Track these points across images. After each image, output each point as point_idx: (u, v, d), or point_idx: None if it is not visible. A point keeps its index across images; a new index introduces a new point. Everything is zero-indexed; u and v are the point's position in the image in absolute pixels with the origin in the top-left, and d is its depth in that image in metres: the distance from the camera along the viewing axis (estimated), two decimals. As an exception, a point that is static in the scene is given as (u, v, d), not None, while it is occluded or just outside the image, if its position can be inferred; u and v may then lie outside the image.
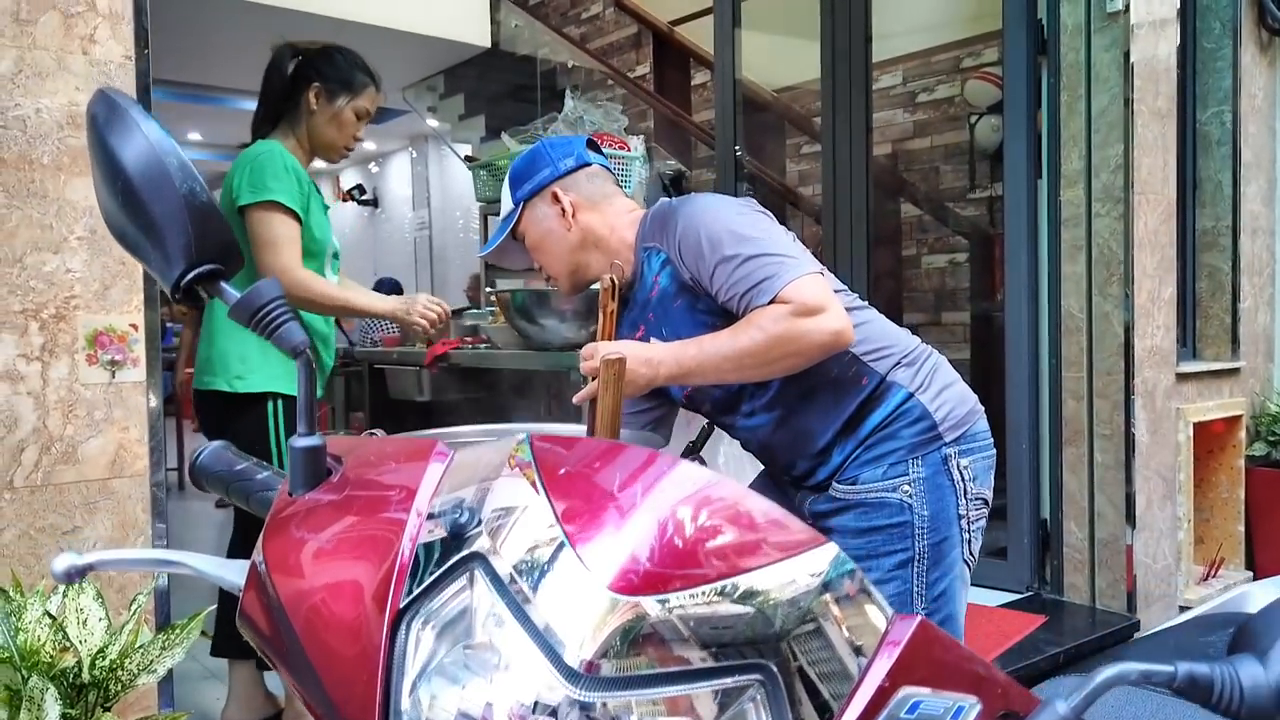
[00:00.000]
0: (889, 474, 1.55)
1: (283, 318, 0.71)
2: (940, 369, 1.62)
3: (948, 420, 1.56)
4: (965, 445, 1.57)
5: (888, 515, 1.54)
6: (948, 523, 1.54)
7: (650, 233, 1.62)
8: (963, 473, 1.55)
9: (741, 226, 1.49)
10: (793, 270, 1.42)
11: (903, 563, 1.53)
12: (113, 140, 0.68)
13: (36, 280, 1.62)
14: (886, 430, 1.56)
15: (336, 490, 0.71)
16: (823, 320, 1.40)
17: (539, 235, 1.67)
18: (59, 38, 1.63)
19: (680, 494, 0.62)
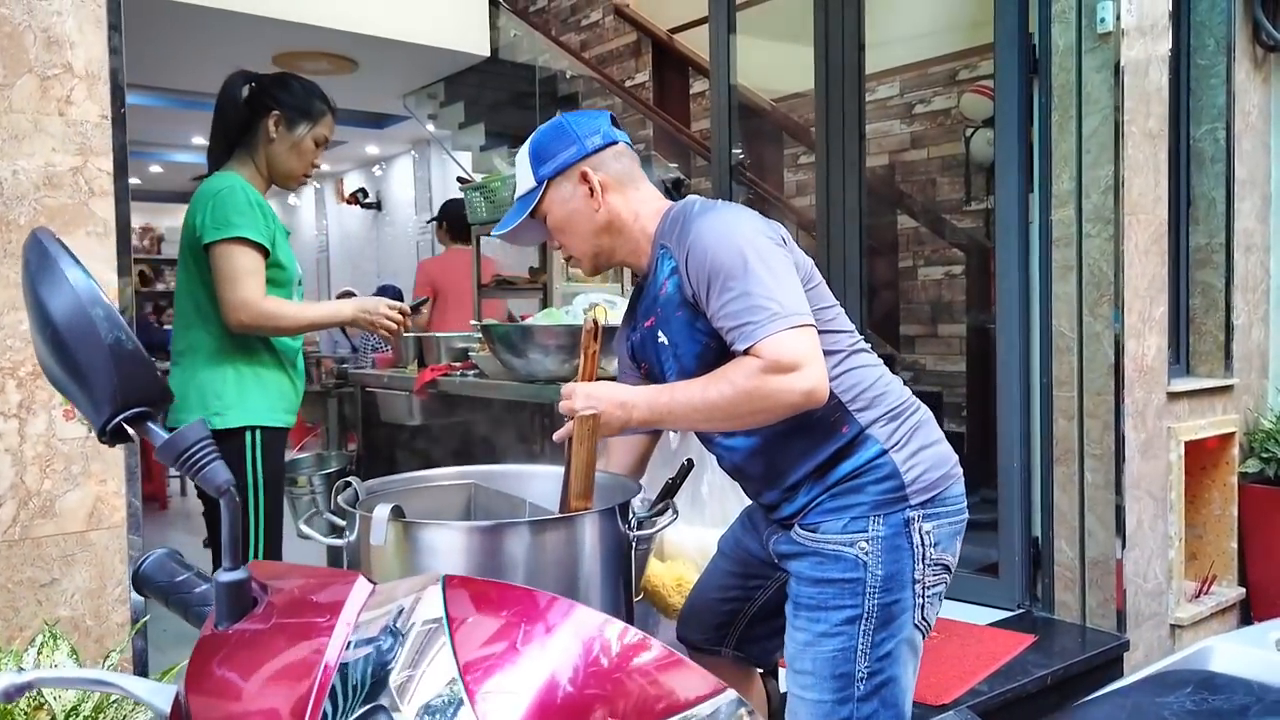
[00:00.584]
0: (849, 528, 1.54)
1: (207, 459, 0.73)
2: (922, 428, 1.61)
3: (917, 483, 1.55)
4: (932, 510, 1.55)
5: (841, 569, 1.53)
6: (901, 585, 1.52)
7: (667, 231, 1.60)
8: (924, 537, 1.54)
9: (750, 257, 1.45)
10: (776, 323, 1.40)
11: (850, 619, 1.52)
12: (41, 289, 0.70)
13: (13, 339, 1.65)
14: (854, 482, 1.56)
15: (260, 622, 0.73)
16: (794, 380, 1.38)
17: (564, 215, 1.62)
18: (35, 100, 1.65)
19: (580, 648, 0.64)
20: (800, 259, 1.61)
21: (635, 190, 1.64)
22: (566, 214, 1.62)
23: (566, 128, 1.62)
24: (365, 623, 0.70)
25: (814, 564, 1.56)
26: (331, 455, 3.56)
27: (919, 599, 1.54)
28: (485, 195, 3.75)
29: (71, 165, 1.68)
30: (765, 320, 1.40)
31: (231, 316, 2.16)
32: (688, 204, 1.61)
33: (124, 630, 1.72)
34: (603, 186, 1.60)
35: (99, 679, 0.75)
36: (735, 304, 1.43)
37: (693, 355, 1.58)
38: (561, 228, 1.64)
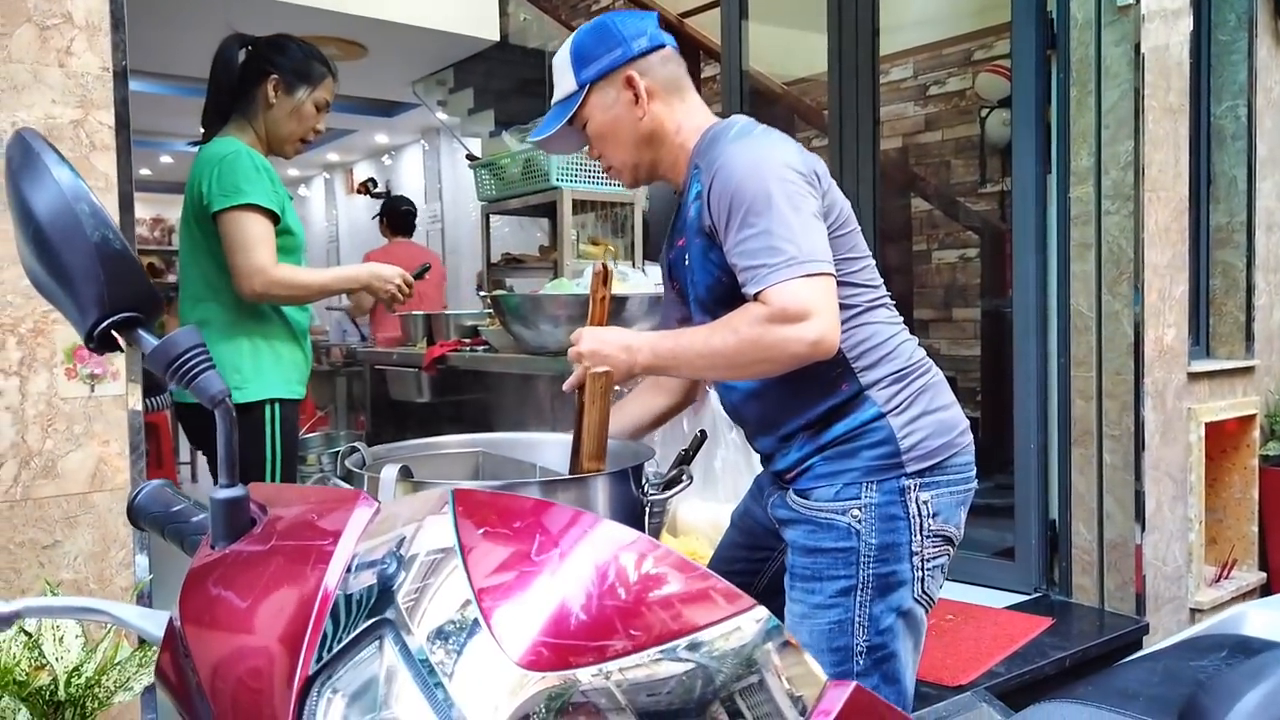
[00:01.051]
0: (840, 494, 1.47)
1: (200, 366, 0.69)
2: (928, 391, 1.52)
3: (915, 450, 1.47)
4: (931, 479, 1.47)
5: (834, 538, 1.46)
6: (898, 557, 1.45)
7: (703, 150, 1.51)
8: (921, 506, 1.46)
9: (775, 194, 1.36)
10: (790, 269, 1.32)
11: (845, 590, 1.45)
12: (25, 186, 0.66)
13: (14, 295, 1.62)
14: (847, 445, 1.48)
15: (258, 543, 0.69)
16: (799, 330, 1.31)
17: (606, 122, 1.52)
18: (35, 50, 1.61)
19: (600, 560, 0.60)
20: (836, 199, 1.51)
21: (681, 101, 1.55)
22: (609, 121, 1.52)
23: (611, 28, 1.52)
24: (370, 543, 0.65)
25: (807, 532, 1.50)
26: (340, 435, 3.53)
27: (918, 571, 1.46)
28: (494, 172, 3.71)
29: (72, 118, 1.64)
30: (780, 265, 1.33)
31: (244, 285, 2.11)
32: (727, 125, 1.52)
33: (127, 594, 1.68)
34: (649, 93, 1.51)
35: (89, 606, 0.71)
36: (752, 242, 1.36)
37: (705, 286, 1.52)
38: (602, 135, 1.55)
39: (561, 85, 1.56)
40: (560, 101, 1.56)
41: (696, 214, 1.47)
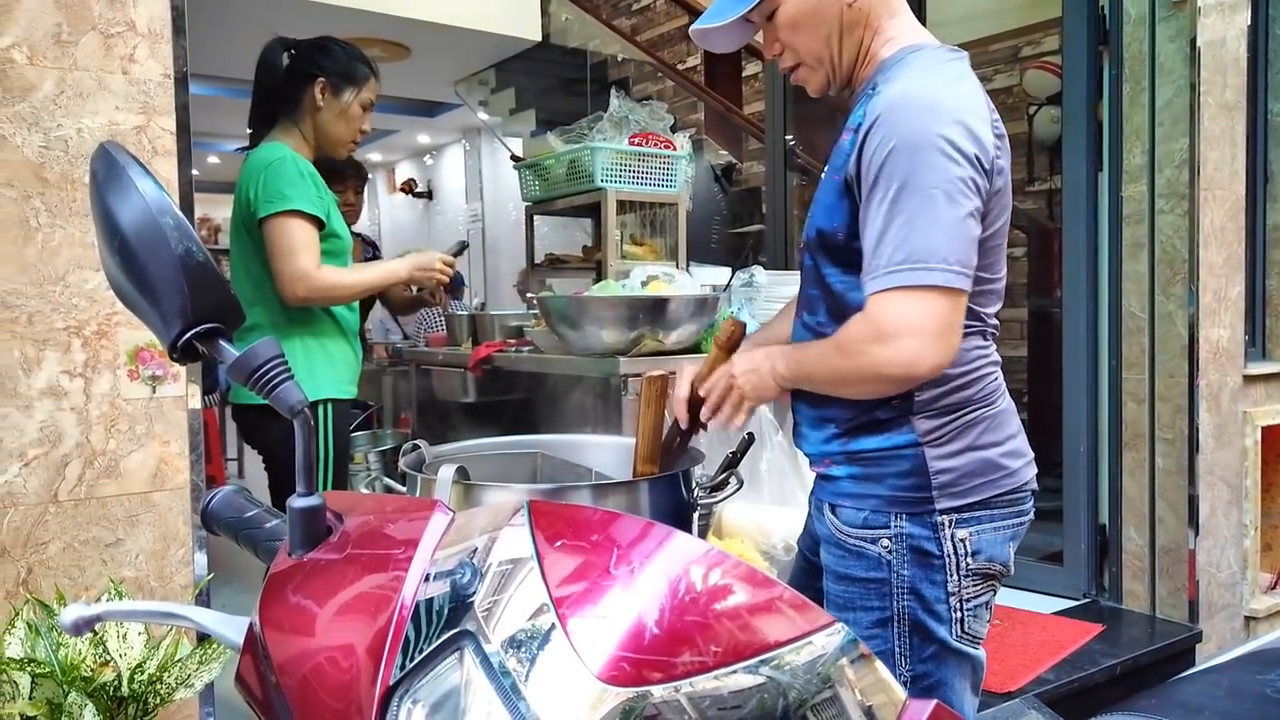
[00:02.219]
0: (869, 521, 1.34)
1: (280, 377, 0.70)
2: (980, 425, 1.34)
3: (949, 488, 1.31)
4: (968, 515, 1.32)
5: (864, 567, 1.35)
6: (933, 597, 1.33)
7: (887, 69, 1.30)
8: (957, 545, 1.32)
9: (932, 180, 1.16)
10: (905, 277, 1.16)
11: (881, 621, 1.34)
12: (110, 199, 0.68)
13: (79, 298, 1.65)
14: (874, 467, 1.34)
15: (335, 551, 0.70)
16: (892, 351, 1.16)
17: (804, 9, 1.31)
18: (99, 58, 1.65)
19: (674, 573, 0.60)
20: (1003, 195, 1.31)
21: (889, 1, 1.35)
22: (808, 6, 1.31)
23: None
24: (446, 552, 0.66)
25: (838, 558, 1.39)
26: (387, 433, 3.57)
27: (955, 612, 1.33)
28: (538, 173, 3.73)
29: (135, 124, 1.68)
30: (897, 271, 1.16)
31: (287, 290, 2.13)
32: (922, 50, 1.31)
33: (187, 592, 1.71)
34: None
35: (168, 610, 0.73)
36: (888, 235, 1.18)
37: (816, 227, 1.36)
38: (796, 24, 1.32)
39: None
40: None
41: (850, 147, 1.27)
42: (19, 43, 1.61)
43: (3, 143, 1.60)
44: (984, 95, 1.29)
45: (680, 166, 3.61)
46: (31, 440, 1.63)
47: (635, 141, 3.50)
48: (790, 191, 4.34)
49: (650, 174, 3.53)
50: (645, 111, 3.59)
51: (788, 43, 1.36)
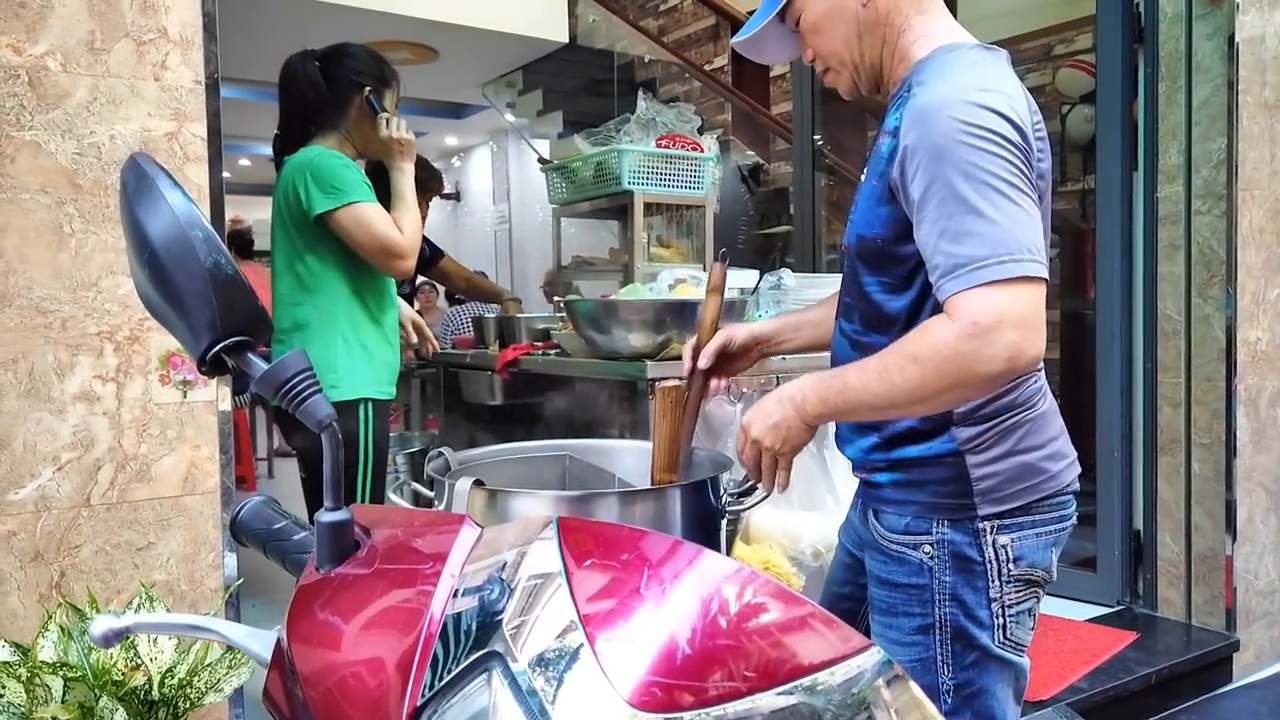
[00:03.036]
0: (911, 528, 1.33)
1: (308, 391, 0.69)
2: (1021, 430, 1.32)
3: (991, 494, 1.30)
4: (1010, 520, 1.31)
5: (906, 574, 1.34)
6: (975, 602, 1.31)
7: (924, 70, 1.27)
8: (999, 551, 1.30)
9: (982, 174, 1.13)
10: (986, 270, 1.10)
11: (923, 628, 1.33)
12: (139, 210, 0.68)
13: (111, 303, 1.67)
14: (916, 471, 1.33)
15: (363, 566, 0.69)
16: (997, 345, 1.09)
17: (822, 12, 1.32)
18: (131, 65, 1.66)
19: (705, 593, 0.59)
20: (1045, 189, 1.27)
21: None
22: (826, 10, 1.31)
23: None
24: (474, 568, 0.65)
25: (880, 563, 1.38)
26: (414, 435, 3.58)
27: (998, 618, 1.31)
28: (565, 176, 3.73)
29: (167, 130, 1.69)
30: (977, 266, 1.11)
31: (392, 268, 2.21)
32: (958, 49, 1.28)
33: (217, 596, 1.72)
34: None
35: (196, 624, 0.72)
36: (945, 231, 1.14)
37: (856, 234, 1.34)
38: (816, 27, 1.34)
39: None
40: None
41: (888, 152, 1.25)
42: (53, 50, 1.62)
43: (37, 149, 1.62)
44: (1025, 94, 1.26)
45: (707, 169, 3.60)
46: (65, 444, 1.65)
47: (662, 144, 3.49)
48: (818, 192, 4.31)
49: (677, 176, 3.51)
50: (672, 114, 3.57)
51: (813, 46, 1.36)
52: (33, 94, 1.61)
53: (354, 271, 2.23)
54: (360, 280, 2.25)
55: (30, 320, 1.62)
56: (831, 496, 2.53)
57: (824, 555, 2.43)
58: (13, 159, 1.60)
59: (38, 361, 1.62)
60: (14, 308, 1.61)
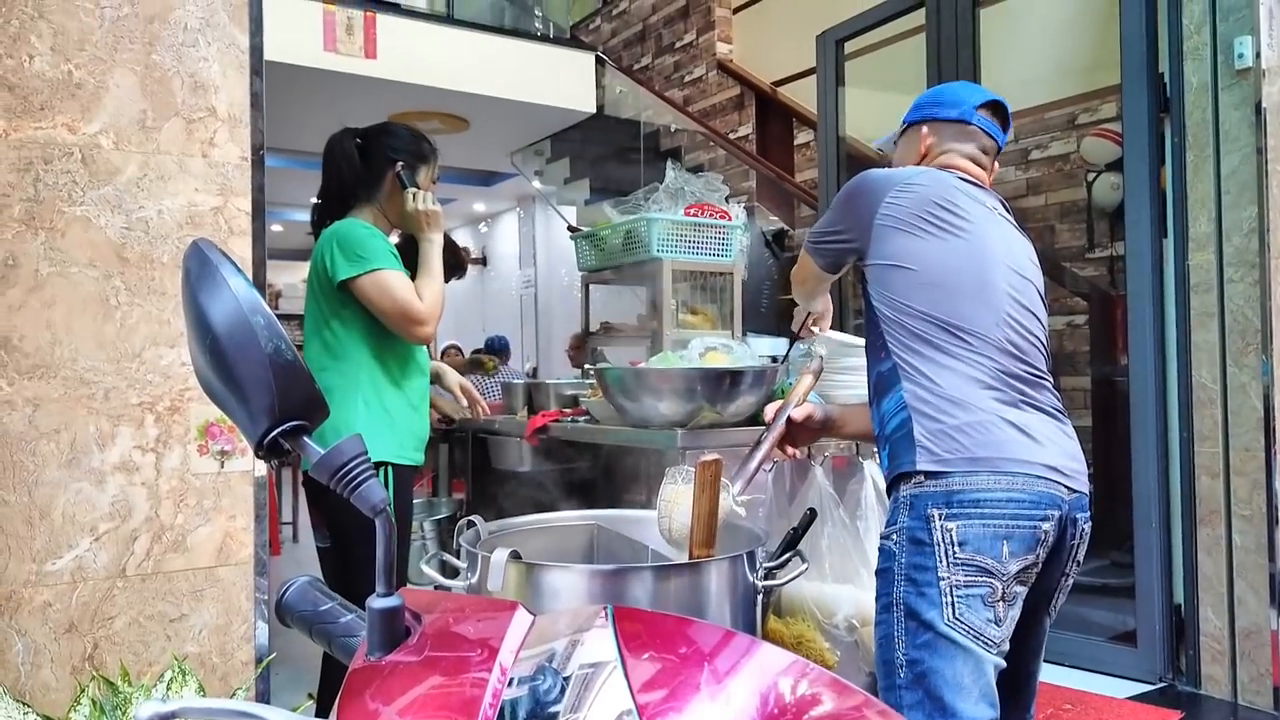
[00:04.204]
0: (890, 520, 1.57)
1: (363, 476, 0.70)
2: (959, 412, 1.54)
3: (929, 451, 1.53)
4: (959, 509, 1.50)
5: (883, 560, 1.57)
6: (925, 582, 1.50)
7: None
8: (944, 534, 1.50)
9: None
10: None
11: (886, 605, 1.55)
12: (202, 297, 0.69)
13: (154, 374, 1.69)
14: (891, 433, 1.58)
15: (414, 653, 0.68)
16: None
17: (901, 154, 1.87)
18: (181, 142, 1.71)
19: (762, 687, 0.58)
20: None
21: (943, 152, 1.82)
22: (903, 154, 1.87)
23: (943, 92, 1.87)
24: (527, 655, 0.64)
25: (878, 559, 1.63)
26: (441, 501, 3.57)
27: (946, 597, 1.49)
28: (594, 243, 3.77)
29: (213, 205, 1.73)
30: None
31: (419, 334, 2.25)
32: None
33: (248, 669, 1.71)
34: (928, 149, 1.82)
35: (243, 710, 0.71)
36: None
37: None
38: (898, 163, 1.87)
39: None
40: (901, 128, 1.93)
41: None
42: (106, 129, 1.67)
43: (87, 224, 1.66)
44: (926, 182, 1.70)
45: (735, 236, 3.63)
46: (103, 515, 1.66)
47: (691, 212, 3.52)
48: (845, 259, 4.33)
49: (706, 244, 3.54)
50: (700, 182, 3.62)
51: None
52: (85, 171, 1.65)
53: (377, 338, 2.27)
54: (383, 346, 2.28)
55: (74, 391, 1.64)
56: (866, 569, 2.48)
57: (858, 629, 2.38)
58: (63, 233, 1.64)
59: (80, 432, 1.64)
60: (59, 378, 1.63)
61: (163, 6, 1.72)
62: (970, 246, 1.61)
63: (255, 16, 1.81)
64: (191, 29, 1.74)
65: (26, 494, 1.61)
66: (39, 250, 1.62)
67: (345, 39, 5.43)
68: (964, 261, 1.60)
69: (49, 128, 1.62)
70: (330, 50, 5.40)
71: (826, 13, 4.84)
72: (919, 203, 1.62)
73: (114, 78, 1.68)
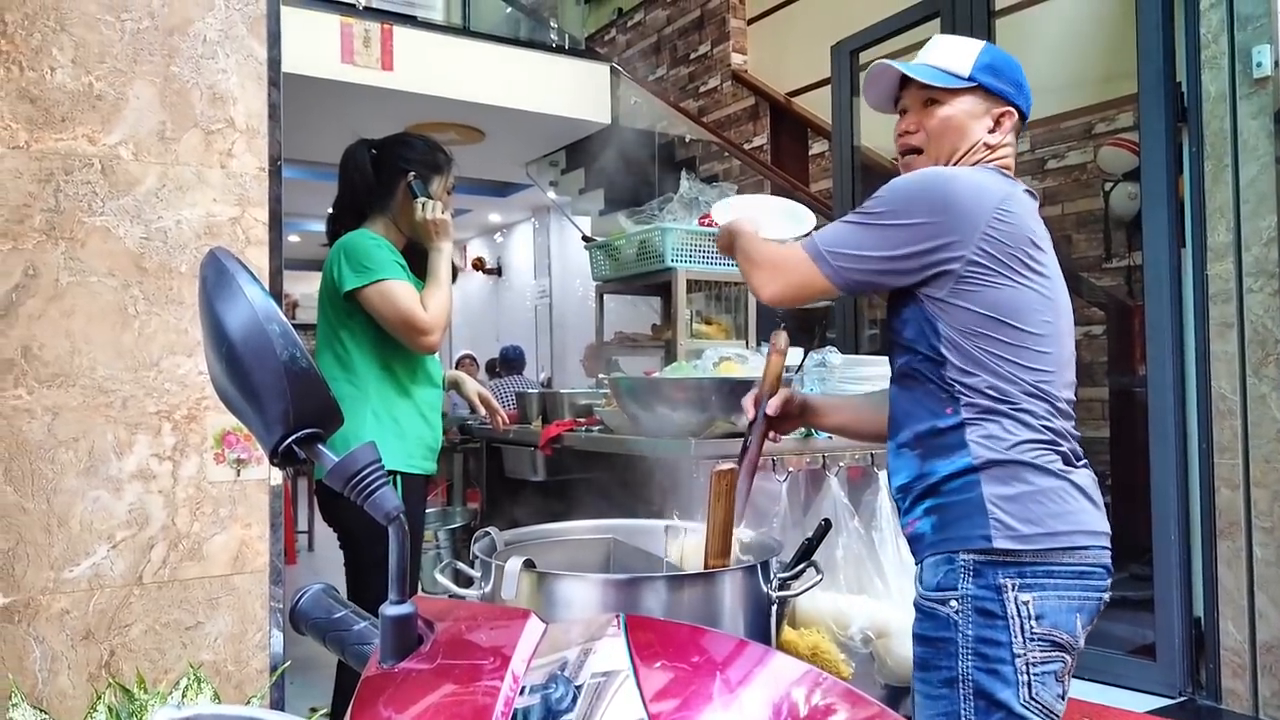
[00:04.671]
0: (943, 583, 1.41)
1: (377, 483, 0.70)
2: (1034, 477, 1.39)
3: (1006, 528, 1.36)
4: (1032, 580, 1.37)
5: (935, 627, 1.41)
6: (998, 658, 1.36)
7: None
8: (1020, 608, 1.36)
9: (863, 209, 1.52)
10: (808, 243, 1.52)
11: (948, 680, 1.39)
12: (219, 305, 0.70)
13: (171, 383, 1.70)
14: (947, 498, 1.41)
15: (427, 661, 0.68)
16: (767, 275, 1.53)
17: (956, 121, 1.53)
18: (199, 153, 1.72)
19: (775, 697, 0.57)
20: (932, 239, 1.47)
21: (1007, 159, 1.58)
22: (962, 123, 1.53)
23: (1021, 74, 1.58)
24: (539, 664, 0.64)
25: (919, 620, 1.46)
26: (456, 511, 3.58)
27: (1022, 675, 1.36)
28: (609, 253, 3.77)
29: (230, 215, 1.74)
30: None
31: (422, 343, 2.24)
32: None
33: (263, 677, 1.71)
34: (1000, 135, 1.54)
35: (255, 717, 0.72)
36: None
37: None
38: (946, 127, 1.54)
39: (947, 58, 1.55)
40: (937, 68, 1.55)
41: None
42: (126, 140, 1.69)
43: (106, 234, 1.67)
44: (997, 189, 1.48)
45: (750, 246, 3.61)
46: (120, 522, 1.67)
47: (705, 222, 3.52)
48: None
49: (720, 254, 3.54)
50: (715, 192, 3.62)
51: (930, 133, 1.55)
52: (105, 181, 1.67)
53: (385, 348, 2.28)
54: (392, 357, 2.29)
55: (92, 399, 1.65)
56: (881, 580, 2.47)
57: (874, 640, 2.37)
58: (83, 243, 1.66)
59: (98, 440, 1.65)
60: (78, 387, 1.65)
61: (182, 19, 1.74)
62: (1054, 295, 1.45)
63: (273, 29, 1.82)
64: (210, 41, 1.76)
65: (45, 501, 1.62)
66: (59, 260, 1.64)
67: (363, 51, 5.47)
68: (1054, 318, 1.44)
69: (70, 139, 1.64)
70: (348, 62, 5.44)
71: (841, 23, 4.85)
72: (1016, 238, 1.41)
73: (134, 89, 1.70)
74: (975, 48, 1.55)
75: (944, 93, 1.52)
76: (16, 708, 1.44)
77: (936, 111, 1.53)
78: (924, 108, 1.55)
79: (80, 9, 1.66)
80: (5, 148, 1.59)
